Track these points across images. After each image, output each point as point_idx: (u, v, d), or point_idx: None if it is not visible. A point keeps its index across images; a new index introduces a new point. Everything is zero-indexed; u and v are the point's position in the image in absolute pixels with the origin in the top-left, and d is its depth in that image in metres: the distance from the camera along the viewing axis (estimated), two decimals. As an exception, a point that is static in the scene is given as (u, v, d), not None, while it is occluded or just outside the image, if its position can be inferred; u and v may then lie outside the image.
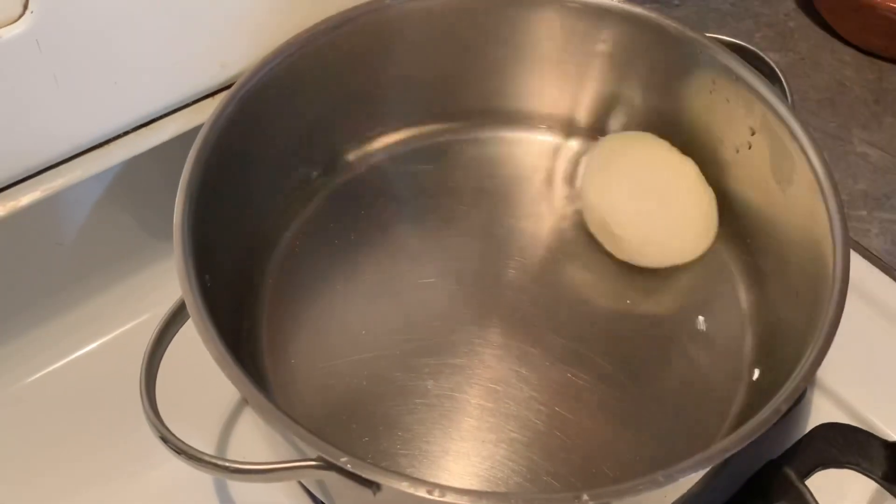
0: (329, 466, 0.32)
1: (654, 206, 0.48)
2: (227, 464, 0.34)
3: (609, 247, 0.49)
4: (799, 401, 0.46)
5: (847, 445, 0.44)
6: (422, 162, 0.53)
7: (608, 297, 0.48)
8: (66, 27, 0.38)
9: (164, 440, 0.34)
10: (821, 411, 0.46)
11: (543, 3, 0.49)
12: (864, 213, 0.56)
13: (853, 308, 0.49)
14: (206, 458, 0.34)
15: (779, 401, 0.33)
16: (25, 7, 0.37)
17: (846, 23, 0.67)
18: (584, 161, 0.51)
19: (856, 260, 0.52)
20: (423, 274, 0.48)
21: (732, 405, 0.43)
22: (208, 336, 0.34)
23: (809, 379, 0.34)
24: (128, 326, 0.50)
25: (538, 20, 0.50)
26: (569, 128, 0.54)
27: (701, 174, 0.49)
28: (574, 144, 0.54)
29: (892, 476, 0.43)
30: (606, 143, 0.51)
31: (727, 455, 0.32)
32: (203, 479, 0.43)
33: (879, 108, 0.62)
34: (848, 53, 0.67)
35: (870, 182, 0.57)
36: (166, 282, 0.37)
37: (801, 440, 0.44)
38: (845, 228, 0.39)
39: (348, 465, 0.31)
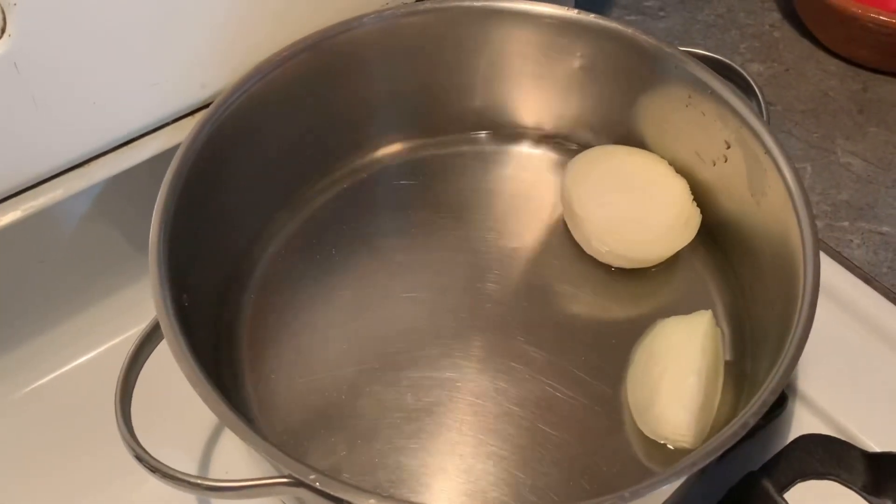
0: (299, 483, 0.32)
1: (631, 203, 0.49)
2: (199, 481, 0.34)
3: (589, 250, 0.49)
4: (779, 411, 0.46)
5: (827, 457, 0.44)
6: (403, 177, 0.53)
7: (589, 310, 0.48)
8: (45, 49, 0.39)
9: (139, 458, 0.34)
10: (802, 422, 0.46)
11: (520, 18, 0.49)
12: (846, 223, 0.56)
13: (835, 318, 0.49)
14: (180, 476, 0.34)
15: (747, 414, 0.33)
16: (3, 30, 0.37)
17: (831, 33, 0.67)
18: (564, 173, 0.51)
19: (837, 270, 0.52)
20: (404, 288, 0.48)
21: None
22: (181, 354, 0.35)
23: (779, 391, 0.34)
24: (115, 341, 0.50)
25: (515, 36, 0.50)
26: (548, 141, 0.55)
27: (671, 168, 0.50)
28: (554, 157, 0.54)
29: (872, 487, 0.43)
30: (587, 155, 0.51)
31: (694, 469, 0.32)
32: (187, 494, 0.43)
33: (863, 118, 0.62)
34: (832, 64, 0.67)
35: (852, 192, 0.57)
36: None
37: (781, 451, 0.44)
38: (816, 239, 0.39)
39: (317, 483, 0.31)
